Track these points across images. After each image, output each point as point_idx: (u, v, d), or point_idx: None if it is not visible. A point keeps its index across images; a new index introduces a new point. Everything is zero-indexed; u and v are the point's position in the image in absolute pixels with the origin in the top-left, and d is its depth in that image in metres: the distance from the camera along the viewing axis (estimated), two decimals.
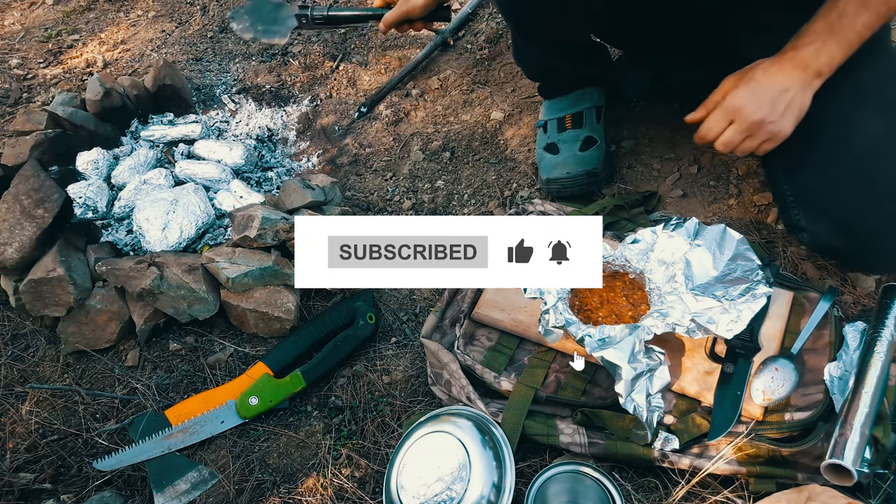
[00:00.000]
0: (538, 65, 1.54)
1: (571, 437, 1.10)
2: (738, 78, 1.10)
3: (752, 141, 1.08)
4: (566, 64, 1.47)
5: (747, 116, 1.06)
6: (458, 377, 1.18)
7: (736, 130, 1.08)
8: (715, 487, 1.06)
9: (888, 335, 1.08)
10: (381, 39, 2.01)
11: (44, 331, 1.42)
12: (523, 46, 1.48)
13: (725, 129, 1.09)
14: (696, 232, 1.17)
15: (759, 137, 1.07)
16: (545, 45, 1.41)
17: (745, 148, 1.10)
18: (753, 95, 1.06)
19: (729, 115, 1.09)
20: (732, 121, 1.08)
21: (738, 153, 1.12)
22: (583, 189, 1.48)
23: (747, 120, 1.07)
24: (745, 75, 1.09)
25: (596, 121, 1.52)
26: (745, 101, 1.06)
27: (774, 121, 1.06)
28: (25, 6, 2.30)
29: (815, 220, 1.18)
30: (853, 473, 0.94)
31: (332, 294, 1.43)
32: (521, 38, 1.45)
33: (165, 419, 1.24)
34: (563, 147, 1.49)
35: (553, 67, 1.51)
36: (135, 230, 1.43)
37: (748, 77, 1.08)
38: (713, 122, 1.11)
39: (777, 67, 1.06)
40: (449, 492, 1.02)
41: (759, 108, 1.05)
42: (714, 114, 1.11)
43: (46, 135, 1.52)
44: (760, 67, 1.08)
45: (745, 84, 1.08)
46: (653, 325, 1.08)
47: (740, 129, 1.08)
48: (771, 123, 1.06)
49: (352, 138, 1.77)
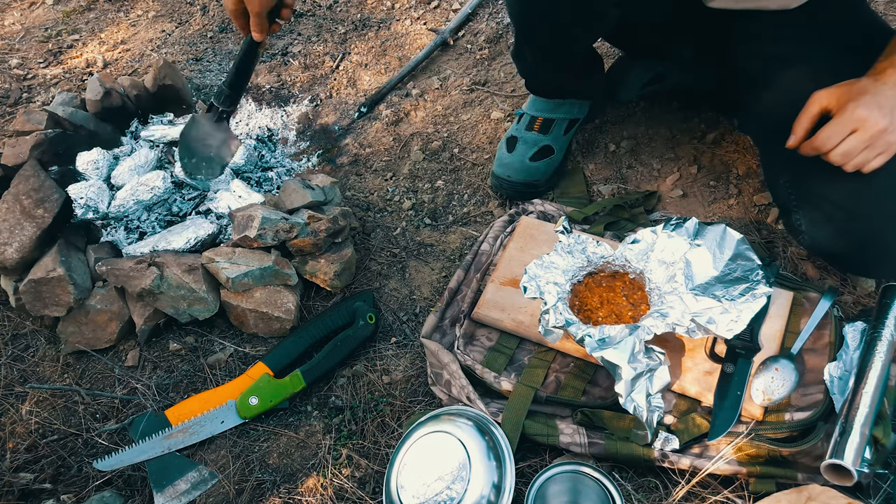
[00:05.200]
0: (533, 69, 1.54)
1: (571, 437, 1.10)
2: (842, 92, 1.07)
3: (871, 152, 1.05)
4: (560, 76, 1.49)
5: (873, 125, 1.03)
6: (458, 377, 1.18)
7: (859, 140, 1.04)
8: (715, 487, 1.06)
9: (888, 335, 1.08)
10: (382, 39, 2.01)
11: (44, 331, 1.42)
12: (526, 50, 1.48)
13: (846, 139, 1.05)
14: (696, 232, 1.17)
15: (877, 148, 1.05)
16: (546, 52, 1.42)
17: (861, 160, 1.06)
18: (875, 104, 1.03)
19: (852, 124, 1.04)
20: (854, 130, 1.05)
21: (849, 167, 1.07)
22: (521, 196, 1.53)
23: (873, 128, 1.03)
24: (851, 88, 1.06)
25: (563, 132, 1.55)
26: (869, 110, 1.03)
27: (894, 131, 1.04)
28: (25, 6, 2.30)
29: (816, 224, 1.18)
30: (853, 473, 0.94)
31: (332, 294, 1.43)
32: (526, 44, 1.45)
33: (165, 419, 1.24)
34: (519, 147, 1.53)
35: (544, 76, 1.52)
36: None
37: (858, 90, 1.06)
38: (833, 131, 1.06)
39: (882, 81, 1.05)
40: (449, 491, 1.02)
41: (883, 117, 1.03)
42: (834, 123, 1.06)
43: (46, 135, 1.52)
44: (864, 82, 1.06)
45: (862, 95, 1.05)
46: (653, 325, 1.08)
47: (864, 137, 1.04)
48: (891, 133, 1.04)
49: (352, 138, 1.77)
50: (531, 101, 1.58)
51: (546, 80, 1.54)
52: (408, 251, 1.51)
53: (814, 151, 1.08)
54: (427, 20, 2.05)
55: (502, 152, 1.55)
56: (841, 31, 1.19)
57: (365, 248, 1.52)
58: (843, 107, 1.05)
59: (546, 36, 1.36)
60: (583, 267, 1.21)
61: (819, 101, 1.08)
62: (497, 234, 1.40)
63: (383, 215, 1.59)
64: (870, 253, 1.15)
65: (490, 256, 1.37)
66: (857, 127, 1.04)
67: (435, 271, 1.46)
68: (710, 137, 1.58)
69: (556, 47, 1.38)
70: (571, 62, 1.45)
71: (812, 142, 1.08)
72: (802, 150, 1.09)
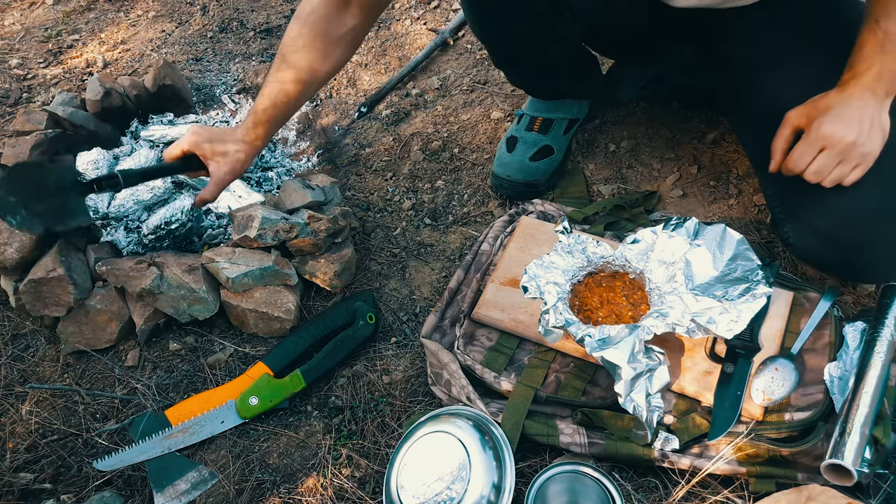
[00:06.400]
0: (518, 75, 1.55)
1: (571, 437, 1.10)
2: (810, 109, 1.07)
3: (845, 166, 1.05)
4: (547, 80, 1.49)
5: (840, 140, 1.03)
6: (458, 377, 1.18)
7: (828, 156, 1.05)
8: (715, 487, 1.06)
9: (888, 335, 1.08)
10: (382, 39, 2.01)
11: (44, 331, 1.42)
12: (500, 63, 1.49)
13: (816, 157, 1.06)
14: (696, 232, 1.17)
15: (851, 161, 1.05)
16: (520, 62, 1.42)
17: (837, 176, 1.06)
18: (840, 119, 1.03)
19: (819, 142, 1.05)
20: (823, 148, 1.05)
21: (827, 183, 1.07)
22: (521, 196, 1.53)
23: (841, 143, 1.03)
24: (818, 105, 1.06)
25: (563, 132, 1.55)
26: (834, 126, 1.03)
27: (864, 142, 1.04)
28: (25, 6, 2.30)
29: (803, 236, 1.18)
30: (853, 473, 0.94)
31: (332, 294, 1.43)
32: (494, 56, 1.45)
33: (165, 419, 1.24)
34: (519, 147, 1.53)
35: (533, 81, 1.53)
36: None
37: (824, 106, 1.06)
38: (802, 151, 1.07)
39: (847, 94, 1.05)
40: (449, 491, 1.02)
41: (850, 130, 1.03)
42: (802, 144, 1.07)
43: (46, 135, 1.52)
44: (829, 97, 1.06)
45: (826, 112, 1.05)
46: (653, 325, 1.08)
47: (832, 153, 1.04)
48: (862, 145, 1.04)
49: (352, 138, 1.77)
50: (531, 101, 1.58)
51: (537, 85, 1.54)
52: (408, 251, 1.51)
53: (789, 172, 1.09)
54: (427, 20, 2.05)
55: (502, 152, 1.55)
56: (820, 31, 1.18)
57: (365, 248, 1.52)
58: (810, 125, 1.06)
59: (511, 48, 1.36)
60: (583, 267, 1.21)
61: (791, 121, 1.09)
62: (497, 234, 1.40)
63: (383, 215, 1.59)
64: (859, 262, 1.16)
65: (490, 256, 1.37)
66: (825, 145, 1.04)
67: (435, 271, 1.46)
68: (710, 137, 1.58)
69: (527, 57, 1.37)
70: (555, 67, 1.44)
71: (786, 163, 1.09)
72: (781, 171, 1.11)
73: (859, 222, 1.11)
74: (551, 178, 1.55)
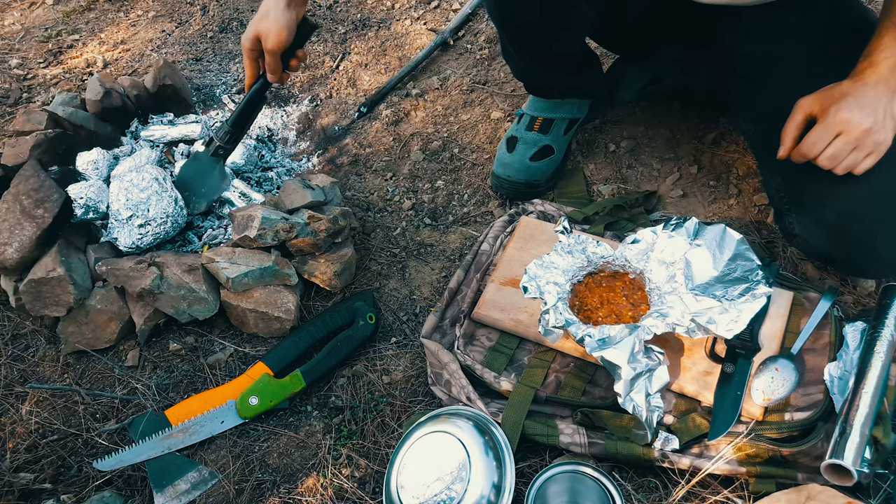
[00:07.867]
0: (524, 69, 1.55)
1: (571, 437, 1.10)
2: (824, 97, 1.07)
3: (859, 153, 1.06)
4: (552, 75, 1.49)
5: (857, 126, 1.03)
6: (458, 377, 1.18)
7: (844, 142, 1.05)
8: (715, 487, 1.06)
9: (888, 335, 1.08)
10: (382, 39, 2.01)
11: (44, 331, 1.42)
12: (511, 50, 1.48)
13: (832, 143, 1.06)
14: (696, 232, 1.17)
15: (865, 149, 1.05)
16: (531, 52, 1.42)
17: (850, 162, 1.06)
18: (857, 106, 1.04)
19: (836, 126, 1.05)
20: (839, 133, 1.05)
21: (839, 170, 1.07)
22: (521, 196, 1.53)
23: (857, 129, 1.04)
24: (832, 93, 1.07)
25: (563, 132, 1.55)
26: (851, 112, 1.04)
27: (879, 130, 1.04)
28: (25, 6, 2.30)
29: (809, 227, 1.18)
30: (853, 473, 0.94)
31: (332, 294, 1.43)
32: (511, 45, 1.45)
33: (165, 419, 1.24)
34: (519, 146, 1.53)
35: (537, 77, 1.53)
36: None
37: (839, 93, 1.06)
38: (818, 136, 1.06)
39: (862, 83, 1.05)
40: (449, 492, 1.02)
41: (866, 117, 1.03)
42: (818, 129, 1.07)
43: (46, 135, 1.52)
44: (844, 85, 1.06)
45: (843, 98, 1.05)
46: (653, 325, 1.08)
47: (848, 139, 1.04)
48: (876, 133, 1.04)
49: (352, 138, 1.77)
50: (531, 101, 1.58)
51: (540, 80, 1.54)
52: (408, 251, 1.51)
53: (802, 158, 1.09)
54: (427, 20, 2.05)
55: (502, 152, 1.55)
56: (831, 29, 1.18)
57: (365, 248, 1.52)
58: (825, 111, 1.06)
59: (525, 33, 1.35)
60: (583, 267, 1.21)
61: (803, 108, 1.09)
62: (497, 234, 1.40)
63: (383, 215, 1.59)
64: (863, 255, 1.15)
65: (490, 256, 1.37)
66: (841, 130, 1.05)
67: (435, 271, 1.46)
68: (710, 137, 1.58)
69: (538, 45, 1.37)
70: (561, 61, 1.44)
71: (799, 148, 1.09)
72: (793, 157, 1.10)
73: (867, 212, 1.10)
74: (551, 178, 1.55)
